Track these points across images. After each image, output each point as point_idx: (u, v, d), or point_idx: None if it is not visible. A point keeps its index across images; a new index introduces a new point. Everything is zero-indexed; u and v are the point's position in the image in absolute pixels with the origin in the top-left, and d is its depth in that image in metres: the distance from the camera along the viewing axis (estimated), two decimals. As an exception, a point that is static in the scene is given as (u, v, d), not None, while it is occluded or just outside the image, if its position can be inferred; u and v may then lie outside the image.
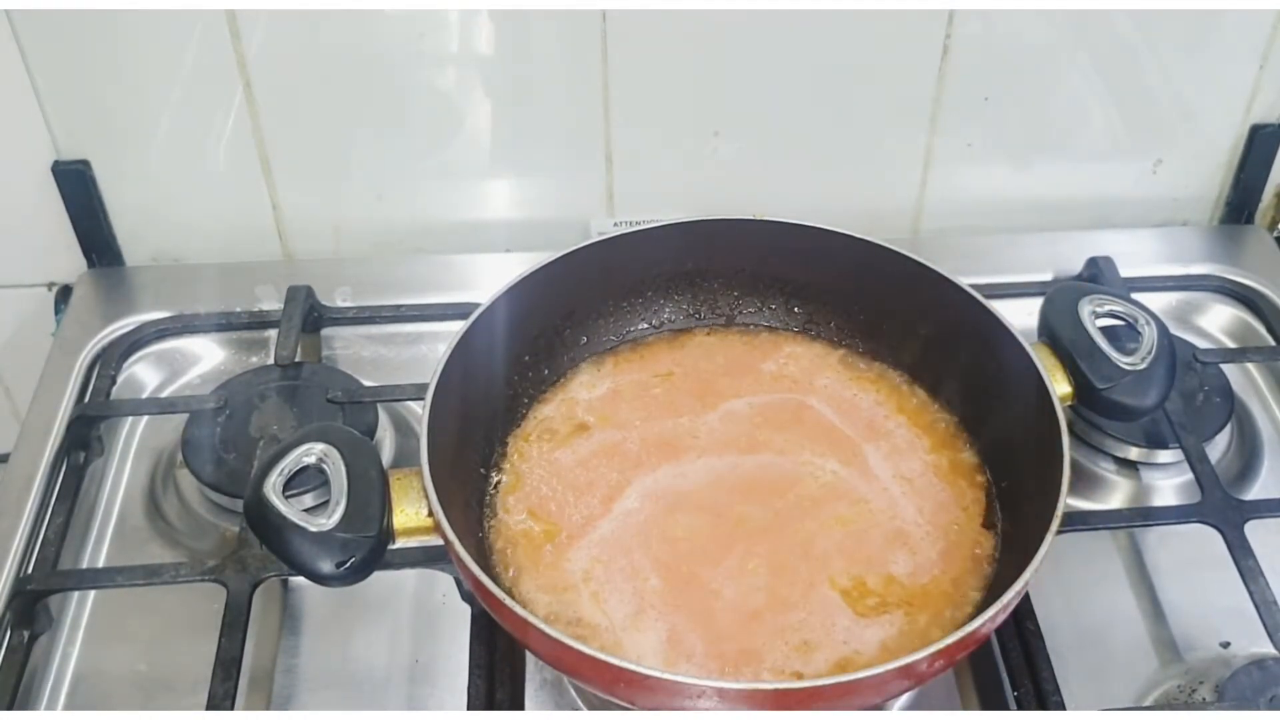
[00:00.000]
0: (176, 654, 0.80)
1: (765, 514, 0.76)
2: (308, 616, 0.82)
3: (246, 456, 0.87)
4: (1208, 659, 0.79)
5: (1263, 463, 0.92)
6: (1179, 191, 1.10)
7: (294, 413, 0.91)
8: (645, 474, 0.79)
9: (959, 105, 1.02)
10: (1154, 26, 0.99)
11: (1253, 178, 1.08)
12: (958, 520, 0.76)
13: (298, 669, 0.79)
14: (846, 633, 0.70)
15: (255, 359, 0.99)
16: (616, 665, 0.61)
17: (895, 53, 0.99)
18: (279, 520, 0.66)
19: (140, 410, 0.96)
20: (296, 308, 0.96)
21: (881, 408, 0.83)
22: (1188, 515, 0.84)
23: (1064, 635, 0.79)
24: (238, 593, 0.77)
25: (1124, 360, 0.75)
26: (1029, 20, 0.98)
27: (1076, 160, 1.07)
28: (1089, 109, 1.04)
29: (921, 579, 0.73)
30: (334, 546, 0.65)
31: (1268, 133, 1.06)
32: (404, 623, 0.82)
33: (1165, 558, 0.85)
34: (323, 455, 0.69)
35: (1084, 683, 0.77)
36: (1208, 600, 0.82)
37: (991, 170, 1.07)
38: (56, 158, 0.99)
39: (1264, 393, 0.98)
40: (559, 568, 0.74)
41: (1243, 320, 1.03)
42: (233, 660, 0.74)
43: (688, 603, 0.71)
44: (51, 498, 0.86)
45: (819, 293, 0.88)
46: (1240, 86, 1.03)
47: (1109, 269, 1.02)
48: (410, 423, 0.94)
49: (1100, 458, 0.91)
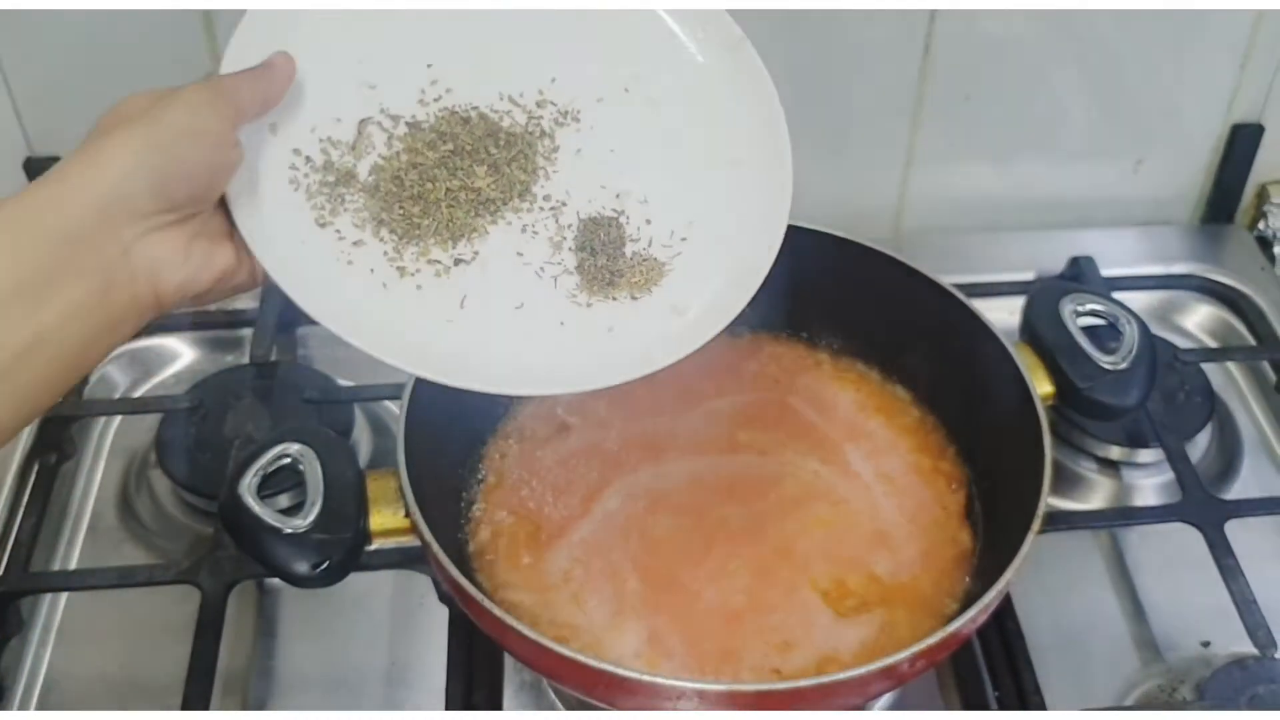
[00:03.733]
0: (150, 657, 0.79)
1: (746, 515, 0.76)
2: (283, 618, 0.82)
3: (221, 457, 0.86)
4: (1188, 658, 0.79)
5: (1243, 462, 0.92)
6: (1160, 191, 1.10)
7: (269, 413, 0.90)
8: (626, 474, 0.78)
9: (941, 104, 1.01)
10: (1135, 26, 0.99)
11: (1233, 177, 1.09)
12: (939, 520, 0.76)
13: (273, 671, 0.79)
14: (827, 633, 0.70)
15: (230, 358, 0.98)
16: (596, 667, 0.60)
17: (877, 52, 0.98)
18: (254, 521, 0.65)
19: (113, 410, 0.95)
20: (272, 306, 0.95)
21: (862, 408, 0.83)
22: (1168, 515, 0.84)
23: (1045, 635, 0.79)
24: (212, 595, 0.77)
25: (1105, 360, 0.75)
26: (1011, 19, 0.98)
27: (1058, 160, 1.07)
28: (1070, 108, 1.04)
29: (902, 579, 0.73)
30: (310, 548, 0.65)
31: (1248, 132, 1.06)
32: (381, 624, 0.81)
33: (1146, 557, 0.85)
34: (298, 456, 0.68)
35: (1065, 682, 0.77)
36: (1188, 599, 0.82)
37: (973, 169, 1.07)
38: (29, 154, 0.98)
39: (1244, 392, 0.98)
40: (538, 569, 0.73)
41: (1223, 320, 1.04)
42: (207, 663, 0.74)
43: (668, 604, 0.71)
44: (23, 499, 0.85)
45: (800, 292, 0.87)
46: (1221, 86, 1.04)
47: (1090, 268, 1.02)
48: (387, 423, 0.93)
49: (1081, 457, 0.91)
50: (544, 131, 0.66)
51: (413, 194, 0.62)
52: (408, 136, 0.64)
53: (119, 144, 0.52)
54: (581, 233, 0.65)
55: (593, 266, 0.64)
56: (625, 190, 0.66)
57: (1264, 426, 0.96)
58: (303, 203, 0.60)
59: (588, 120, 0.67)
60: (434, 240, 0.62)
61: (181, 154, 0.53)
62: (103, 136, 0.53)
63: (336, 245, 0.61)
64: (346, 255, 0.61)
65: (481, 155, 0.64)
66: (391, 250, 0.61)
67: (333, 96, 0.63)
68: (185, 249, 0.55)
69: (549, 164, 0.66)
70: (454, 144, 0.64)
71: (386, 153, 0.63)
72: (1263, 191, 1.11)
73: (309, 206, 0.61)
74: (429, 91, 0.65)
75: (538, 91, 0.67)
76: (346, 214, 0.61)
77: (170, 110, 0.54)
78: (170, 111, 0.54)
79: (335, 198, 0.61)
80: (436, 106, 0.65)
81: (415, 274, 0.61)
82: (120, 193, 0.52)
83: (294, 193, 0.60)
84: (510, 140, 0.65)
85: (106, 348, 0.54)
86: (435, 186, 0.62)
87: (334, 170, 0.62)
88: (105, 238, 0.52)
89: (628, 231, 0.66)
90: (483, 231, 0.63)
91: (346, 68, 0.64)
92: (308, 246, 0.60)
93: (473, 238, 0.63)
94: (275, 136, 0.61)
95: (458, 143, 0.64)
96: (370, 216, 0.62)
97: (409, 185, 0.62)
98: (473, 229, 0.63)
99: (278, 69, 0.60)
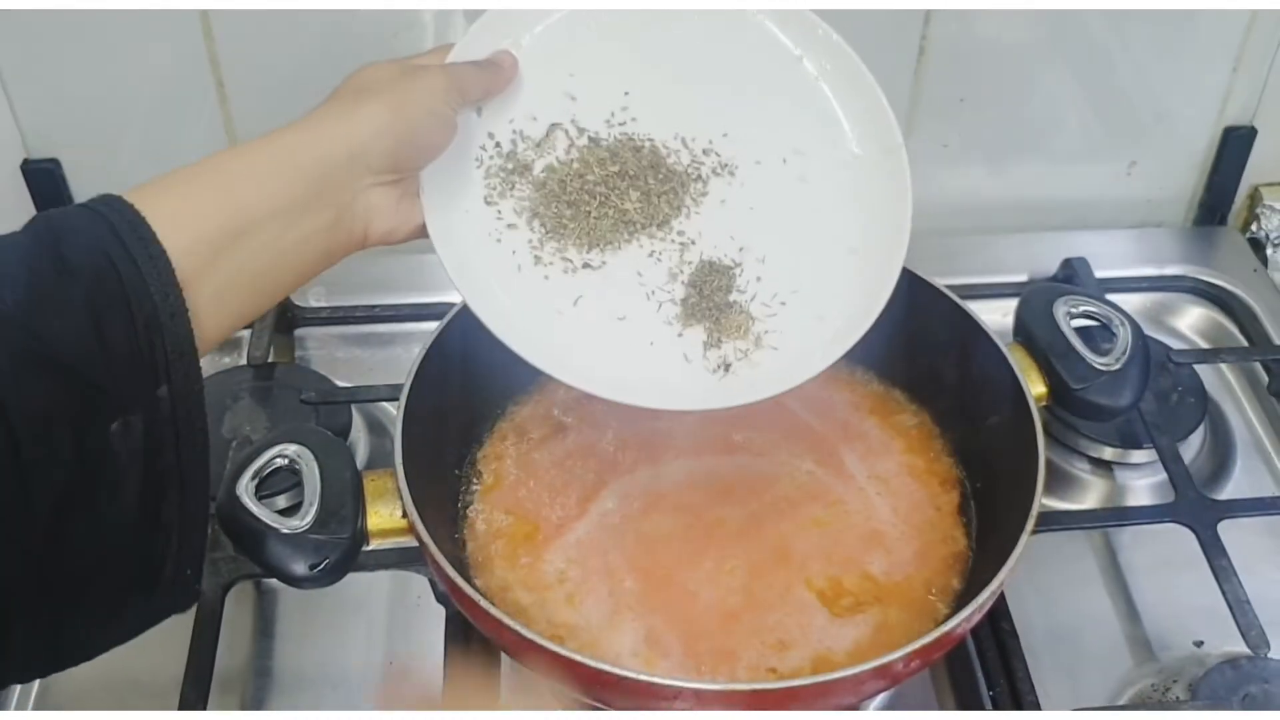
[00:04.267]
0: (147, 657, 0.77)
1: (742, 515, 0.76)
2: (281, 619, 0.82)
3: (219, 458, 0.86)
4: (1181, 658, 0.80)
5: (1236, 463, 0.93)
6: (1153, 193, 1.11)
7: (267, 414, 0.90)
8: (623, 475, 0.78)
9: (935, 106, 1.02)
10: (1129, 29, 1.00)
11: (1226, 179, 1.09)
12: (933, 520, 0.77)
13: (271, 671, 0.79)
14: (823, 633, 0.70)
15: (228, 359, 0.97)
16: (593, 666, 0.60)
17: (871, 53, 0.98)
18: (252, 522, 0.65)
19: (111, 411, 0.94)
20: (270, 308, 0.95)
21: (857, 409, 0.83)
22: (1161, 515, 0.84)
23: (1039, 635, 0.79)
24: (210, 595, 0.77)
25: (1099, 361, 0.76)
26: (1005, 22, 0.98)
27: (1052, 162, 1.08)
28: (1064, 111, 1.04)
29: (897, 579, 0.73)
30: (307, 548, 0.65)
31: (1240, 135, 1.06)
32: (378, 624, 0.81)
33: (1139, 557, 0.86)
34: (296, 456, 0.68)
35: (1059, 682, 0.78)
36: (1181, 600, 0.82)
37: (967, 171, 1.07)
38: (26, 156, 0.98)
39: (1237, 393, 0.99)
40: (535, 569, 0.73)
41: (1216, 321, 1.04)
42: (205, 662, 0.74)
43: (665, 604, 0.71)
44: (20, 500, 0.85)
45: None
46: (1214, 89, 1.04)
47: (1084, 270, 1.02)
48: (384, 424, 0.93)
49: (1075, 458, 0.92)
50: (700, 176, 0.72)
51: (571, 199, 0.69)
52: (586, 149, 0.70)
53: (372, 109, 0.62)
54: (698, 271, 0.70)
55: (696, 301, 0.69)
56: (749, 246, 0.71)
57: (1256, 427, 0.96)
58: (480, 179, 0.68)
59: (741, 176, 0.72)
60: (573, 242, 0.68)
61: (418, 129, 0.63)
62: (355, 97, 0.62)
63: (494, 223, 0.68)
64: (498, 234, 0.68)
65: (640, 182, 0.70)
66: (536, 240, 0.68)
67: (537, 98, 0.70)
68: (396, 204, 0.65)
69: (694, 205, 0.71)
70: (620, 166, 0.70)
71: (564, 158, 0.70)
72: (1255, 194, 1.11)
73: (483, 184, 0.68)
74: (617, 115, 0.71)
75: (708, 140, 0.72)
76: (511, 199, 0.69)
77: (415, 90, 0.63)
78: (416, 91, 0.63)
79: (507, 183, 0.69)
80: (619, 130, 0.71)
81: (548, 265, 0.68)
82: (366, 149, 0.61)
83: (475, 169, 0.68)
84: (669, 176, 0.71)
85: (318, 270, 0.64)
86: (591, 198, 0.69)
87: (515, 159, 0.69)
88: (346, 183, 0.62)
89: (737, 282, 0.70)
90: (617, 245, 0.69)
91: (557, 77, 0.71)
92: (470, 216, 0.67)
93: (605, 249, 0.69)
94: (479, 118, 0.69)
95: (624, 165, 0.70)
96: (529, 207, 0.69)
97: (570, 190, 0.69)
98: (609, 241, 0.69)
99: (504, 68, 0.69)
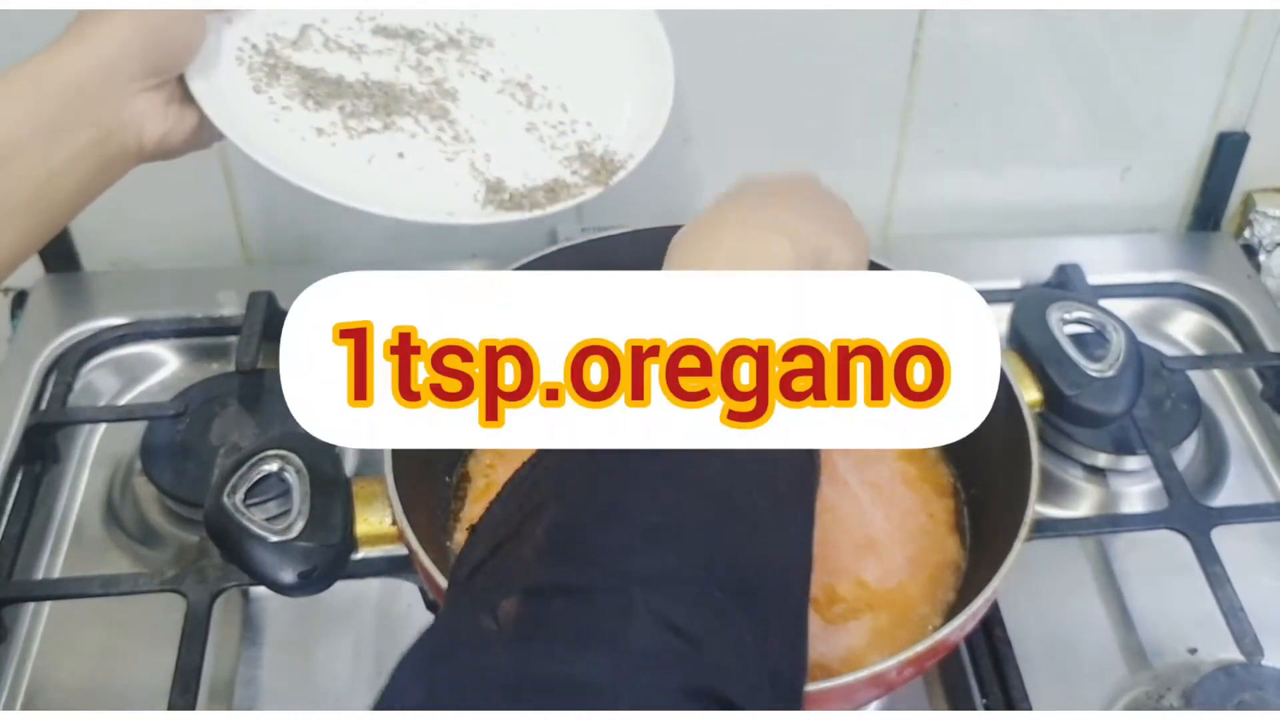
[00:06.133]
0: (134, 666, 0.78)
1: (734, 521, 0.75)
2: (269, 627, 0.81)
3: (207, 465, 0.86)
4: (1175, 665, 0.79)
5: (1229, 469, 0.93)
6: (1147, 199, 1.11)
7: (255, 420, 0.90)
8: (613, 481, 0.78)
9: (929, 111, 1.02)
10: (1123, 35, 0.99)
11: (1220, 185, 1.09)
12: (926, 528, 0.76)
13: (259, 680, 0.78)
14: (815, 640, 0.69)
15: (216, 366, 0.97)
16: (582, 676, 0.60)
17: (865, 58, 0.99)
18: (240, 529, 0.65)
19: (98, 418, 0.94)
20: (258, 314, 0.95)
21: (850, 414, 0.83)
22: (1155, 522, 0.84)
23: (1032, 642, 0.79)
24: (197, 603, 0.76)
25: (1092, 367, 0.75)
26: (999, 27, 0.98)
27: (1045, 167, 1.08)
28: (1058, 116, 1.04)
29: (890, 586, 0.73)
30: (296, 556, 0.64)
31: (1234, 141, 1.06)
32: (367, 632, 0.81)
33: (1133, 564, 0.85)
34: (284, 463, 0.68)
35: (1052, 689, 0.77)
36: (1175, 607, 0.82)
37: (961, 176, 1.07)
38: (14, 160, 0.98)
39: (1230, 400, 0.99)
40: (525, 577, 0.73)
41: (1209, 327, 1.04)
42: (192, 672, 0.73)
43: (655, 612, 0.71)
44: (6, 507, 0.85)
45: (788, 299, 0.87)
46: (1208, 95, 1.04)
47: (1077, 276, 1.02)
48: (375, 430, 0.93)
49: (1069, 464, 0.91)
50: (461, 45, 0.78)
51: (335, 79, 0.74)
52: (341, 37, 0.76)
53: (115, 20, 0.64)
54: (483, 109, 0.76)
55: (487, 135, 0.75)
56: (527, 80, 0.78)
57: (1250, 434, 0.96)
58: (244, 75, 0.73)
59: (500, 47, 0.79)
60: (349, 114, 0.73)
61: (165, 29, 0.66)
62: (96, 15, 0.64)
63: (269, 107, 0.72)
64: (275, 116, 0.72)
65: (403, 57, 0.76)
66: (313, 118, 0.73)
67: (285, 8, 0.76)
68: (164, 109, 0.67)
69: (463, 70, 0.77)
70: (380, 46, 0.76)
71: (321, 50, 0.76)
72: (1248, 199, 1.11)
73: (249, 78, 0.73)
74: (367, 13, 0.78)
75: (460, 21, 0.79)
76: (280, 87, 0.73)
77: None
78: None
79: (273, 75, 0.74)
80: (371, 24, 0.77)
81: (331, 136, 0.72)
82: (117, 57, 0.64)
83: (237, 67, 0.73)
84: (433, 47, 0.77)
85: (101, 187, 0.66)
86: (358, 78, 0.75)
87: (275, 56, 0.74)
88: (106, 94, 0.64)
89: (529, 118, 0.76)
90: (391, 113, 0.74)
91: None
92: (245, 105, 0.71)
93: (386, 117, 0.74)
94: (230, 26, 0.73)
95: (383, 47, 0.76)
96: (301, 91, 0.73)
97: (334, 73, 0.75)
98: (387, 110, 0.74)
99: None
